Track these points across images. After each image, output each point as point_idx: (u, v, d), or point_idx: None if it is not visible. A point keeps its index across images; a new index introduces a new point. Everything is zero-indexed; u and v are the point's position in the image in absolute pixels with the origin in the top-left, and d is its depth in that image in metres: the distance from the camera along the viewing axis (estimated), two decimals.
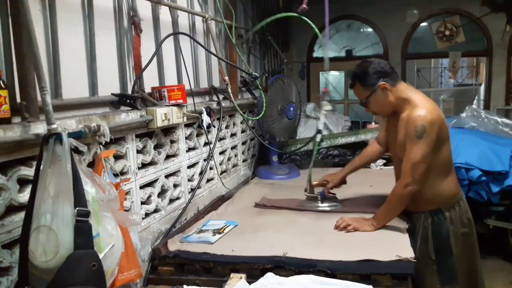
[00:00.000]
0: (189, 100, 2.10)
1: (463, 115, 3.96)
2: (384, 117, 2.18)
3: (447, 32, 5.06)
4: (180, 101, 1.92)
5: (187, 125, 2.20)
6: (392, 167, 2.23)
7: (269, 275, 1.56)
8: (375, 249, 1.71)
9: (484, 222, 3.41)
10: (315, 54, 5.55)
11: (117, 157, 1.69)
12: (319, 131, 2.39)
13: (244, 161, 3.10)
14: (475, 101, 5.27)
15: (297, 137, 3.93)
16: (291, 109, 3.19)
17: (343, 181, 2.35)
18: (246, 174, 3.12)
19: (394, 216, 1.97)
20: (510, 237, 3.48)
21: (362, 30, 5.50)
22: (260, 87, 2.82)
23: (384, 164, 3.39)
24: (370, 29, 5.38)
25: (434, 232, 1.98)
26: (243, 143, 3.09)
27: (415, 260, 1.61)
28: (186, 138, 2.19)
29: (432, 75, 8.05)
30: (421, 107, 1.86)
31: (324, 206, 2.30)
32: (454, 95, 7.44)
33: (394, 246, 1.74)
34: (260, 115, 2.76)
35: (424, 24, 5.18)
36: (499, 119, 3.91)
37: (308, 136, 3.57)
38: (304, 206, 2.33)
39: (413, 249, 1.75)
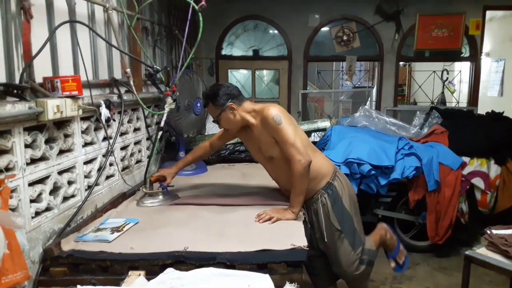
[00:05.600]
0: (87, 92, 2.00)
1: (357, 114, 4.30)
2: (233, 132, 2.42)
3: (345, 37, 5.45)
4: (75, 92, 1.82)
5: (83, 119, 2.08)
6: None
7: (169, 271, 1.55)
8: (272, 239, 1.79)
9: (374, 212, 3.74)
10: (223, 52, 5.61)
11: (2, 152, 1.55)
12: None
13: (149, 157, 3.03)
14: (368, 102, 5.75)
15: (206, 133, 3.94)
16: (198, 105, 3.19)
17: (174, 176, 2.54)
18: (151, 170, 3.04)
19: (304, 193, 2.16)
20: (396, 225, 3.87)
21: (269, 31, 5.68)
22: (163, 81, 2.78)
23: None
24: (276, 31, 5.58)
25: (332, 204, 2.24)
26: (148, 138, 3.02)
27: (308, 248, 1.73)
28: (83, 132, 2.08)
29: (333, 77, 8.59)
30: (266, 108, 2.19)
31: (164, 199, 2.39)
32: (352, 96, 8.05)
33: (289, 236, 1.84)
34: (165, 110, 2.71)
35: (324, 29, 5.52)
36: (387, 119, 4.32)
37: (214, 133, 3.60)
38: (142, 204, 2.36)
39: (318, 233, 2.08)
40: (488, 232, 2.19)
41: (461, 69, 7.34)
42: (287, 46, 5.52)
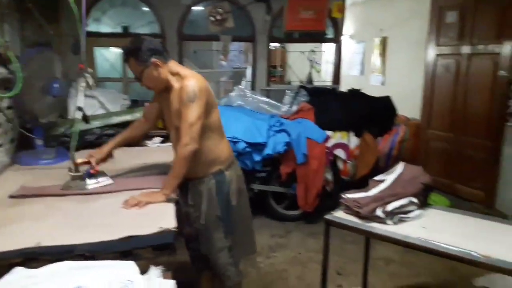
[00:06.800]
0: None
1: (232, 94, 4.39)
2: (157, 92, 2.30)
3: (218, 17, 5.45)
4: None
5: None
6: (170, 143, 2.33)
7: (17, 270, 1.40)
8: (139, 224, 1.72)
9: (250, 187, 3.89)
10: (88, 28, 5.18)
11: None
12: (79, 108, 2.27)
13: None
14: (244, 82, 5.91)
15: (69, 117, 3.63)
16: (57, 85, 2.89)
17: (109, 155, 2.38)
18: (2, 161, 2.70)
19: (181, 177, 2.08)
20: (270, 198, 4.08)
21: (140, 7, 5.41)
22: (12, 60, 2.45)
23: (162, 142, 3.47)
24: (147, 8, 5.34)
25: (218, 191, 2.23)
26: None
27: (176, 230, 1.71)
28: None
29: (211, 57, 8.58)
30: (191, 78, 2.10)
31: (92, 183, 2.22)
32: (232, 77, 8.17)
33: (158, 219, 1.79)
34: (14, 92, 2.41)
35: (198, 7, 5.45)
36: (260, 98, 4.49)
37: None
38: (69, 187, 2.19)
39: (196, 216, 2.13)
40: (344, 196, 2.42)
41: (327, 50, 7.93)
42: (160, 24, 5.32)
